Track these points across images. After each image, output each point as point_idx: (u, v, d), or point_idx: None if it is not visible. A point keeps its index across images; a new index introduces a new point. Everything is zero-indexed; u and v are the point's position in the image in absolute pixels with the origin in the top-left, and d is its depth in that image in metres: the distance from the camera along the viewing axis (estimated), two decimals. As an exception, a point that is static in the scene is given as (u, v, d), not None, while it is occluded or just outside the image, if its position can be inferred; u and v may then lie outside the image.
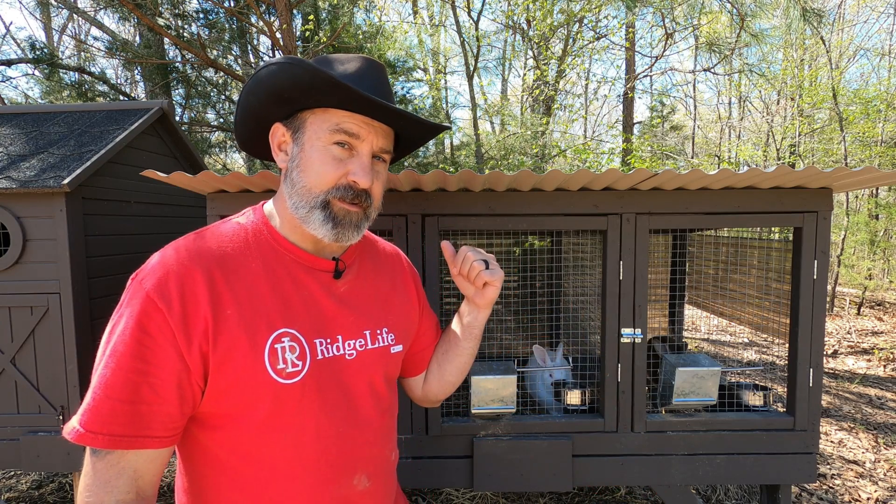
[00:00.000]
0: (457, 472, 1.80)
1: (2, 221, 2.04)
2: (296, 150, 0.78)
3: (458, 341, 1.01)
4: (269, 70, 0.73)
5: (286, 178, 0.79)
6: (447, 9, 8.58)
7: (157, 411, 0.67)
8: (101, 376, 0.67)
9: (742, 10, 5.22)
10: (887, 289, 8.35)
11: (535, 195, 1.73)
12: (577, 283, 2.65)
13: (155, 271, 0.70)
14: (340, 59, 0.79)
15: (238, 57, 6.34)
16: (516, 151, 6.10)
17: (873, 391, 4.15)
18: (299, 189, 0.77)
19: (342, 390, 0.80)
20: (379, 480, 0.85)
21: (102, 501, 0.66)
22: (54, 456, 2.06)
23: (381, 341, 0.86)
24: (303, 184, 0.76)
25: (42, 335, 2.07)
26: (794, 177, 1.59)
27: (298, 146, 0.78)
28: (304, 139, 0.77)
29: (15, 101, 6.64)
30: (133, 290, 0.70)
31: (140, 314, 0.67)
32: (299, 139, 0.78)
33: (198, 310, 0.69)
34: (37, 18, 12.22)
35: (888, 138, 7.93)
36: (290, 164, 0.78)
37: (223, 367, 0.70)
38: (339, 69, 0.78)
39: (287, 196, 0.78)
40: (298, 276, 0.78)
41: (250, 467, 0.74)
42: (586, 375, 2.22)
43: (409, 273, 1.00)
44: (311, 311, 0.78)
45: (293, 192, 0.77)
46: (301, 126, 0.78)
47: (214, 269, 0.72)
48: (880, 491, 2.64)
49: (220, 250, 0.74)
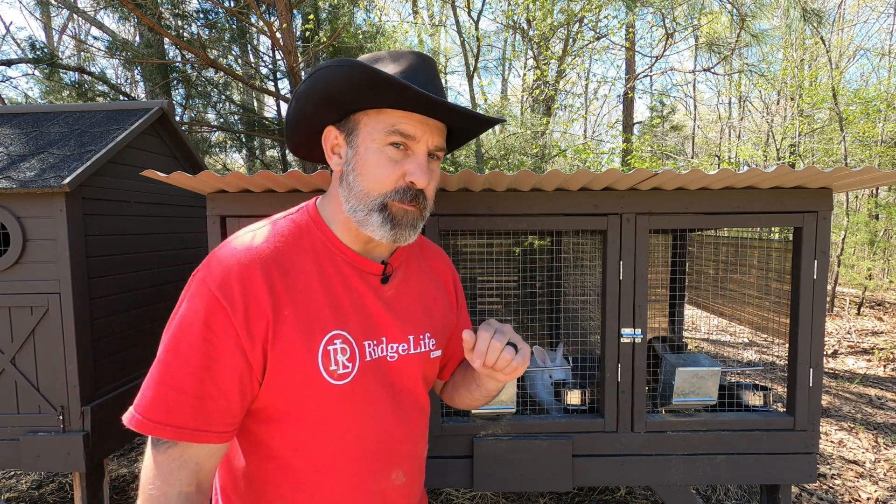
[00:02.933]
0: (457, 472, 1.80)
1: (2, 221, 2.04)
2: (350, 153, 0.77)
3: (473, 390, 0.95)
4: (325, 73, 0.72)
5: (342, 181, 0.78)
6: (447, 9, 8.58)
7: (220, 407, 0.69)
8: (165, 368, 0.68)
9: (742, 11, 5.22)
10: (887, 289, 8.35)
11: (535, 195, 1.73)
12: (577, 283, 2.65)
13: (217, 270, 0.70)
14: (392, 55, 0.77)
15: (238, 57, 6.34)
16: (516, 151, 6.10)
17: (873, 391, 4.15)
18: (357, 193, 0.76)
19: (386, 391, 0.82)
20: (413, 475, 0.88)
21: (166, 493, 0.67)
22: (54, 456, 2.06)
23: (422, 346, 0.87)
24: (360, 187, 0.76)
25: (42, 335, 2.07)
26: (794, 177, 1.59)
27: (353, 149, 0.77)
28: (357, 142, 0.76)
29: (15, 101, 6.64)
30: (196, 287, 0.71)
31: (206, 312, 0.69)
32: (353, 142, 0.77)
33: (259, 309, 0.70)
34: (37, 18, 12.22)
35: (888, 138, 7.93)
36: (346, 167, 0.77)
37: (279, 367, 0.72)
38: (391, 67, 0.76)
39: (344, 199, 0.78)
40: (348, 276, 0.79)
41: (299, 460, 0.77)
42: (586, 375, 2.22)
43: (451, 277, 1.00)
44: (360, 312, 0.79)
45: (350, 195, 0.77)
46: (355, 128, 0.77)
47: (273, 269, 0.73)
48: (880, 491, 2.64)
49: (277, 249, 0.75)
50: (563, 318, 2.72)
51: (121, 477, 2.86)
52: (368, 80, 0.69)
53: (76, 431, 2.08)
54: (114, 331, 2.32)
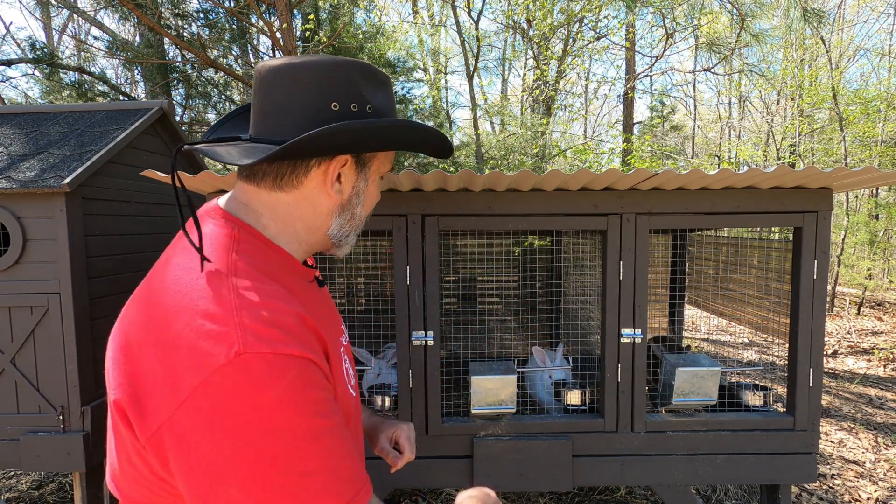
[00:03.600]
0: (457, 472, 1.80)
1: (2, 221, 2.04)
2: (362, 185, 0.76)
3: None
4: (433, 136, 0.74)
5: (343, 209, 0.75)
6: (447, 9, 8.58)
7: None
8: (317, 458, 0.55)
9: (742, 11, 5.22)
10: (887, 289, 8.36)
11: (535, 195, 1.73)
12: (577, 283, 2.65)
13: (263, 326, 0.57)
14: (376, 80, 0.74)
15: (238, 57, 6.34)
16: (516, 151, 6.10)
17: (873, 391, 4.15)
18: (357, 220, 0.77)
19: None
20: None
21: None
22: (54, 456, 2.06)
23: (346, 336, 0.87)
24: (361, 216, 0.78)
25: (42, 335, 2.07)
26: (794, 177, 1.59)
27: (364, 181, 0.76)
28: (368, 174, 0.76)
29: (15, 101, 6.64)
30: (259, 362, 0.54)
31: (305, 377, 0.57)
32: (365, 173, 0.76)
33: (323, 344, 0.65)
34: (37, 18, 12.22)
35: (888, 138, 7.93)
36: (353, 197, 0.76)
37: (336, 390, 0.69)
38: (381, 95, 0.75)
39: (337, 225, 0.76)
40: (304, 287, 0.75)
41: None
42: (586, 375, 2.22)
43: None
44: (328, 320, 0.78)
45: (348, 222, 0.77)
46: (368, 162, 0.76)
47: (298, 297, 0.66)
48: (880, 491, 2.64)
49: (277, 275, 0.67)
50: (563, 318, 2.73)
51: (121, 477, 2.86)
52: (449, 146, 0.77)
53: (76, 431, 2.08)
54: (114, 331, 2.32)
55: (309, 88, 0.68)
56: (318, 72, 0.68)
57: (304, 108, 0.68)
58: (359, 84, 0.70)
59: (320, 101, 0.68)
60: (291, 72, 0.68)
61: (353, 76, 0.70)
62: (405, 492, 2.58)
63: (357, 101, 0.69)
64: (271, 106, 0.69)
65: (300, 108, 0.68)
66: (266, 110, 0.70)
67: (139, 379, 0.56)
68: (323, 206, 0.73)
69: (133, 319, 0.61)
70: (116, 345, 0.61)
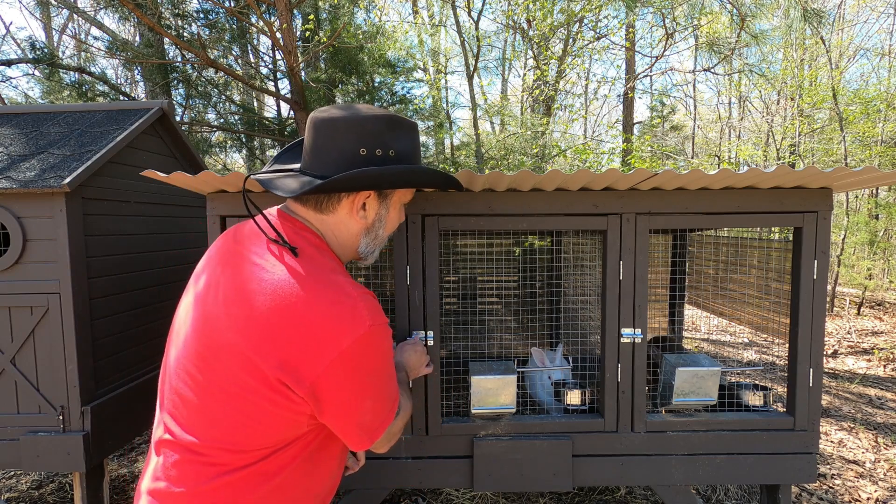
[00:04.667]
0: (457, 472, 1.80)
1: (2, 221, 2.04)
2: (384, 212, 0.99)
3: None
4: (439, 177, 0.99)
5: (369, 230, 0.99)
6: (447, 9, 8.57)
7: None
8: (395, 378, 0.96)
9: (742, 11, 5.22)
10: (887, 289, 8.36)
11: (535, 195, 1.73)
12: (577, 283, 2.65)
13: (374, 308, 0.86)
14: (407, 129, 0.96)
15: (238, 57, 6.34)
16: (516, 151, 6.10)
17: (873, 391, 4.15)
18: (379, 239, 1.02)
19: None
20: None
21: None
22: (54, 456, 2.06)
23: None
24: (383, 237, 1.02)
25: (42, 335, 2.07)
26: (794, 177, 1.59)
27: (386, 209, 1.00)
28: (390, 203, 1.00)
29: (15, 101, 6.64)
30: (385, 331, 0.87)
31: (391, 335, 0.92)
32: (386, 203, 0.99)
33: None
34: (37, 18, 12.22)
35: (888, 138, 7.93)
36: (376, 222, 0.99)
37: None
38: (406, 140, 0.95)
39: (364, 243, 1.00)
40: None
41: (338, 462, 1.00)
42: (586, 375, 2.22)
43: None
44: None
45: (373, 241, 1.01)
46: (391, 194, 1.00)
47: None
48: (880, 491, 2.64)
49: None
50: (563, 318, 2.73)
51: (121, 477, 2.86)
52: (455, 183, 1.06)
53: (76, 431, 2.08)
54: (114, 331, 2.32)
55: (345, 136, 0.90)
56: (352, 123, 0.90)
57: (340, 152, 0.90)
58: (384, 133, 0.91)
59: (352, 147, 0.90)
60: (333, 122, 0.90)
61: (380, 127, 0.91)
62: (405, 492, 2.58)
63: (381, 147, 0.91)
64: (316, 149, 0.92)
65: (337, 151, 0.91)
66: (312, 152, 0.93)
67: (291, 357, 0.79)
68: (353, 228, 0.97)
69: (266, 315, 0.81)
70: (255, 344, 0.80)
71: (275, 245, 0.87)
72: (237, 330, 0.81)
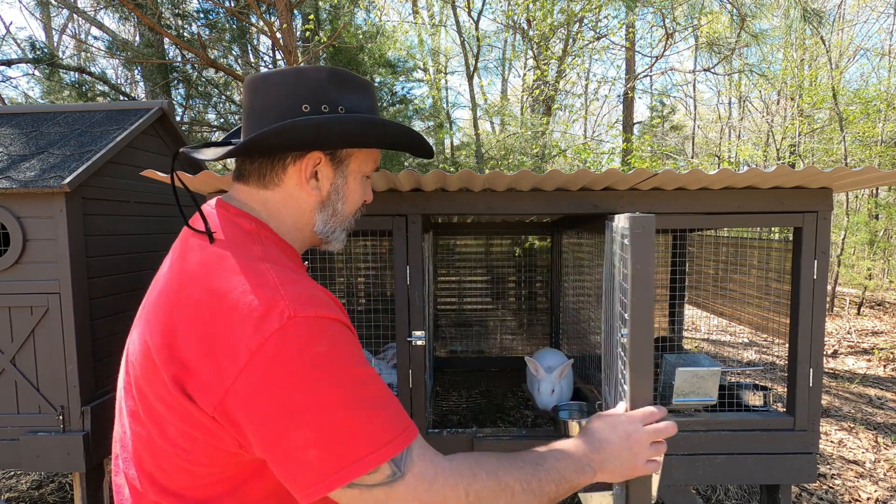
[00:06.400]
0: (457, 472, 1.79)
1: (2, 221, 2.04)
2: (340, 182, 0.81)
3: None
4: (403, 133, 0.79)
5: (324, 205, 0.81)
6: (447, 9, 8.58)
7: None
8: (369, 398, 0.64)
9: (742, 11, 5.22)
10: (887, 289, 8.36)
11: (535, 195, 1.73)
12: (577, 283, 2.65)
13: (306, 297, 0.65)
14: (352, 84, 0.79)
15: (238, 57, 6.34)
16: (516, 151, 6.10)
17: (873, 391, 4.15)
18: (339, 216, 0.83)
19: None
20: None
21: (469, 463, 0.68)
22: (54, 456, 2.06)
23: None
24: (344, 212, 0.83)
25: (42, 335, 2.07)
26: (794, 177, 1.59)
27: (342, 178, 0.81)
28: (347, 172, 0.81)
29: (15, 101, 6.64)
30: (307, 323, 0.62)
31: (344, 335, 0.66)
32: (342, 171, 0.80)
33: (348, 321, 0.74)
34: (37, 18, 12.22)
35: (888, 138, 7.93)
36: (332, 194, 0.81)
37: None
38: (357, 96, 0.79)
39: (321, 221, 0.82)
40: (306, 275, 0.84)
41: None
42: (587, 376, 2.22)
43: None
44: None
45: (331, 218, 0.82)
46: (346, 159, 0.80)
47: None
48: (880, 491, 2.64)
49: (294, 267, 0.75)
50: (563, 317, 2.73)
51: (121, 477, 2.86)
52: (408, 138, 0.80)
53: (76, 431, 2.08)
54: (114, 331, 2.32)
55: (280, 93, 0.75)
56: (288, 78, 0.75)
57: (277, 111, 0.74)
58: (328, 86, 0.76)
59: (291, 104, 0.74)
60: (266, 79, 0.76)
61: (323, 78, 0.76)
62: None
63: (327, 102, 0.75)
64: (252, 111, 0.77)
65: (274, 111, 0.75)
66: (249, 115, 0.77)
67: (194, 360, 0.62)
68: (305, 202, 0.79)
69: (169, 311, 0.66)
70: (157, 341, 0.65)
71: (196, 235, 0.73)
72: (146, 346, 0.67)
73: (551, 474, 0.73)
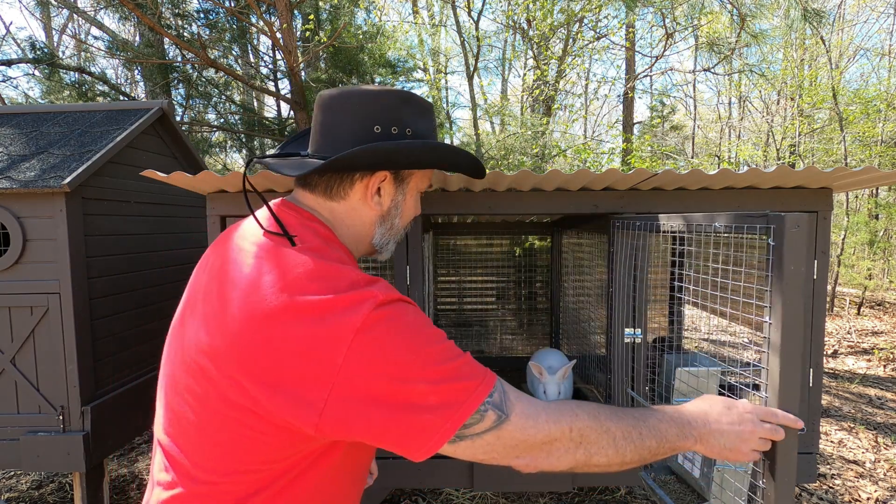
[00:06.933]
0: (457, 473, 1.80)
1: (2, 221, 2.04)
2: (400, 198, 0.88)
3: None
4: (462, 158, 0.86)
5: (383, 219, 0.87)
6: (447, 9, 8.58)
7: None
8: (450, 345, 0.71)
9: (742, 11, 5.22)
10: (887, 289, 8.36)
11: (535, 195, 1.73)
12: (577, 283, 2.65)
13: (384, 285, 0.72)
14: (420, 108, 0.85)
15: (238, 57, 6.34)
16: (516, 151, 6.10)
17: (873, 391, 4.15)
18: (395, 230, 0.90)
19: None
20: None
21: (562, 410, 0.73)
22: (54, 456, 2.06)
23: None
24: (400, 226, 0.90)
25: (42, 335, 2.07)
26: (794, 177, 1.59)
27: (403, 195, 0.88)
28: (407, 189, 0.88)
29: (15, 101, 6.64)
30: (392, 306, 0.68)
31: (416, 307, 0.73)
32: (403, 188, 0.87)
33: None
34: (37, 18, 12.23)
35: (888, 138, 7.93)
36: (392, 209, 0.88)
37: None
38: (424, 122, 0.85)
39: (379, 233, 0.88)
40: None
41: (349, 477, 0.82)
42: (587, 376, 2.22)
43: None
44: None
45: (388, 231, 0.89)
46: (407, 178, 0.87)
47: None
48: (880, 491, 2.64)
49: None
50: (563, 317, 2.73)
51: (121, 477, 2.87)
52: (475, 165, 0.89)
53: (76, 431, 2.08)
54: (114, 331, 2.32)
55: (355, 113, 0.80)
56: (364, 99, 0.80)
57: (351, 131, 0.80)
58: (399, 110, 0.81)
59: (364, 124, 0.80)
60: (342, 99, 0.81)
61: (395, 102, 0.81)
62: (405, 492, 2.58)
63: (397, 125, 0.81)
64: (325, 128, 0.83)
65: (348, 130, 0.80)
66: (321, 131, 0.83)
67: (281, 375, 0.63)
68: (367, 216, 0.86)
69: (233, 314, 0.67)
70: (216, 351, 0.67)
71: (273, 237, 0.74)
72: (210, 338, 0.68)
73: (653, 431, 0.77)
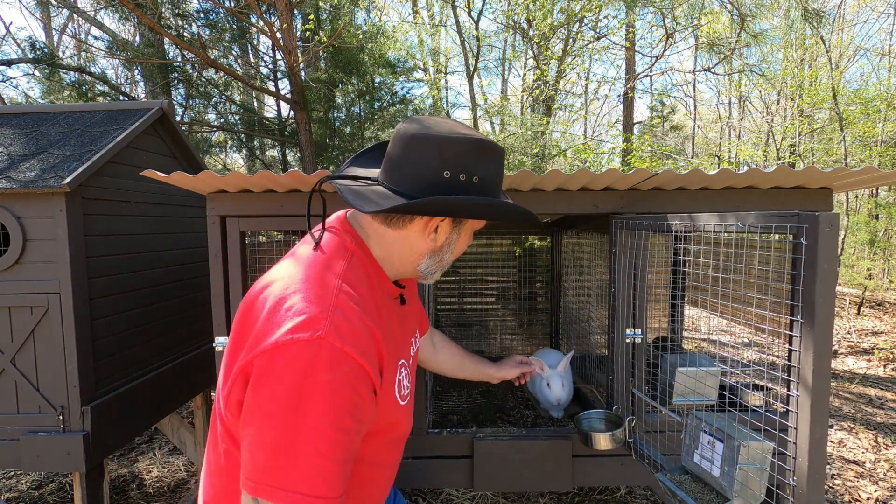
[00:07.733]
0: (457, 472, 1.80)
1: (2, 221, 2.04)
2: (454, 237, 0.94)
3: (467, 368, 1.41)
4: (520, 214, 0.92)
5: (434, 253, 0.94)
6: (447, 9, 8.58)
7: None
8: (333, 445, 0.70)
9: (742, 11, 5.22)
10: (887, 289, 8.35)
11: (535, 195, 1.73)
12: (577, 283, 2.65)
13: (346, 329, 0.74)
14: (494, 154, 0.89)
15: (238, 57, 6.34)
16: (516, 151, 6.10)
17: (873, 391, 4.15)
18: (444, 263, 0.96)
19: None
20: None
21: None
22: (54, 456, 2.06)
23: (415, 346, 1.07)
24: (449, 260, 0.97)
25: (42, 335, 2.07)
26: (794, 177, 1.59)
27: (457, 234, 0.94)
28: (462, 230, 0.94)
29: (15, 101, 6.64)
30: (330, 351, 0.71)
31: (354, 381, 0.73)
32: (458, 229, 0.94)
33: (381, 361, 0.81)
34: (37, 18, 12.22)
35: (888, 138, 7.93)
36: (445, 246, 0.94)
37: (382, 399, 0.83)
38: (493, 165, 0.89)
39: (426, 264, 0.95)
40: (388, 304, 0.93)
41: (366, 468, 0.89)
42: (587, 376, 2.22)
43: None
44: (400, 336, 0.96)
45: (437, 263, 0.95)
46: (465, 221, 0.94)
47: (373, 314, 0.83)
48: (880, 491, 2.64)
49: (366, 294, 0.84)
50: (563, 317, 2.72)
51: (121, 477, 2.87)
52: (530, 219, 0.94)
53: (76, 431, 2.08)
54: (114, 331, 2.32)
55: (431, 158, 0.84)
56: (438, 142, 0.84)
57: (422, 171, 0.85)
58: (470, 158, 0.85)
59: (435, 168, 0.84)
60: (421, 140, 0.84)
61: (467, 150, 0.84)
62: (405, 492, 2.58)
63: (465, 172, 0.85)
64: (399, 163, 0.87)
65: (419, 169, 0.85)
66: (395, 165, 0.87)
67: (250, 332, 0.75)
68: (419, 247, 0.92)
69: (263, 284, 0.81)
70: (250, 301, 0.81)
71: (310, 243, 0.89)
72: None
73: None
